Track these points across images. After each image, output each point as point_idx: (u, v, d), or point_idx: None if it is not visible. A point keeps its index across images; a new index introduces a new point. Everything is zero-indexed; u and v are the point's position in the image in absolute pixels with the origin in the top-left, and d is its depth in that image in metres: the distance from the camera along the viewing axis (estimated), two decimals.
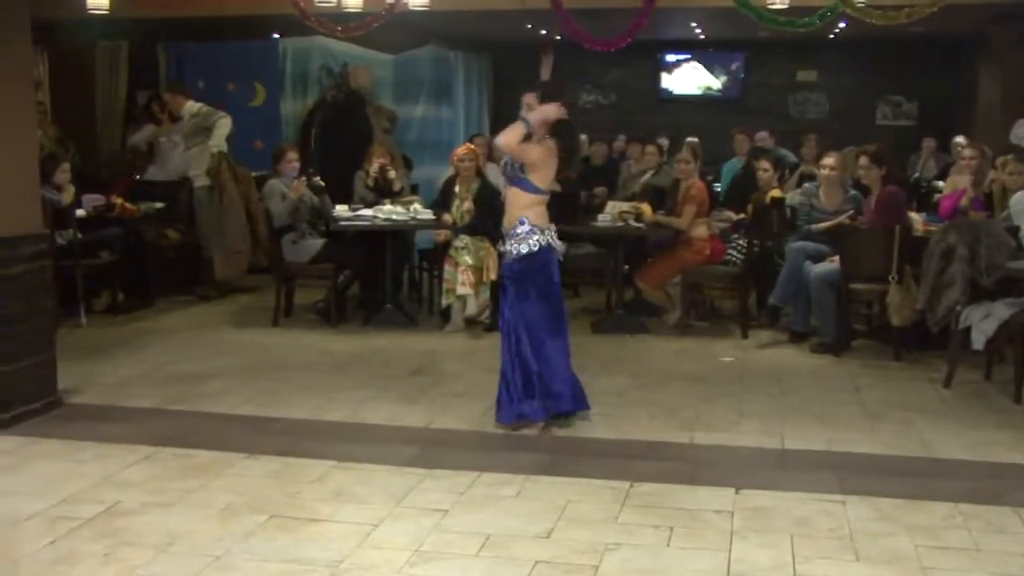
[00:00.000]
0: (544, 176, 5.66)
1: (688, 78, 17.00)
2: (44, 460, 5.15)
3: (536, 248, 5.57)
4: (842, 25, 11.82)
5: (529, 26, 13.50)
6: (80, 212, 8.76)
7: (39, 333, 5.95)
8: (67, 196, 8.51)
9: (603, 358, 7.51)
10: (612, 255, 8.83)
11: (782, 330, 8.33)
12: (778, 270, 8.18)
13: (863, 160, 7.80)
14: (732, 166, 11.21)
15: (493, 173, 9.80)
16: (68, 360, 6.56)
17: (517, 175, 5.65)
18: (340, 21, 8.86)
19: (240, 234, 9.54)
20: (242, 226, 9.54)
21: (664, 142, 11.71)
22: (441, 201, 8.79)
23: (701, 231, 8.42)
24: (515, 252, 5.59)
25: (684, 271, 8.41)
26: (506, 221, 5.70)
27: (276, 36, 12.02)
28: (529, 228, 5.58)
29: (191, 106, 10.04)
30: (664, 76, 17.01)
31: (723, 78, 16.86)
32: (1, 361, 5.67)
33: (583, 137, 12.61)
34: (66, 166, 8.68)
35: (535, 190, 5.62)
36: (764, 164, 9.07)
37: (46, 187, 7.79)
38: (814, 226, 8.10)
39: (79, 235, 8.53)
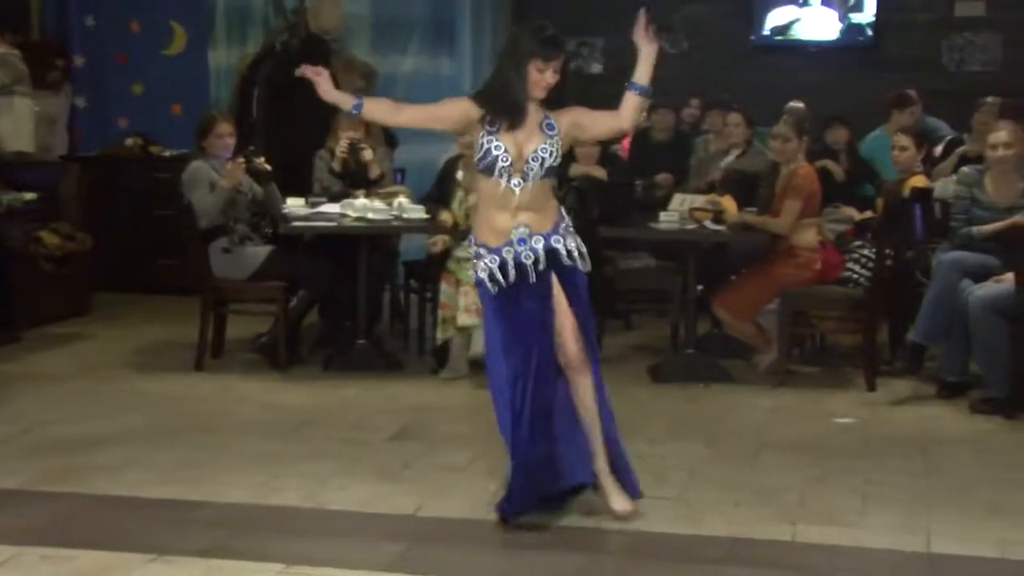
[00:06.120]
0: None
1: (796, 16, 16.98)
2: None
3: None
4: None
5: None
6: None
7: None
8: None
9: (668, 418, 7.50)
10: (680, 271, 8.83)
11: (927, 380, 8.31)
12: (921, 293, 8.15)
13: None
14: (876, 142, 10.98)
15: None
16: None
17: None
18: None
19: None
20: None
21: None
22: (437, 193, 8.83)
23: (809, 236, 8.43)
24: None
25: (783, 294, 8.41)
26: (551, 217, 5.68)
27: None
28: None
29: None
30: (760, 14, 17.01)
31: (848, 15, 16.84)
32: None
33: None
34: None
35: None
36: (902, 140, 9.05)
37: None
38: (977, 229, 8.07)
39: None
